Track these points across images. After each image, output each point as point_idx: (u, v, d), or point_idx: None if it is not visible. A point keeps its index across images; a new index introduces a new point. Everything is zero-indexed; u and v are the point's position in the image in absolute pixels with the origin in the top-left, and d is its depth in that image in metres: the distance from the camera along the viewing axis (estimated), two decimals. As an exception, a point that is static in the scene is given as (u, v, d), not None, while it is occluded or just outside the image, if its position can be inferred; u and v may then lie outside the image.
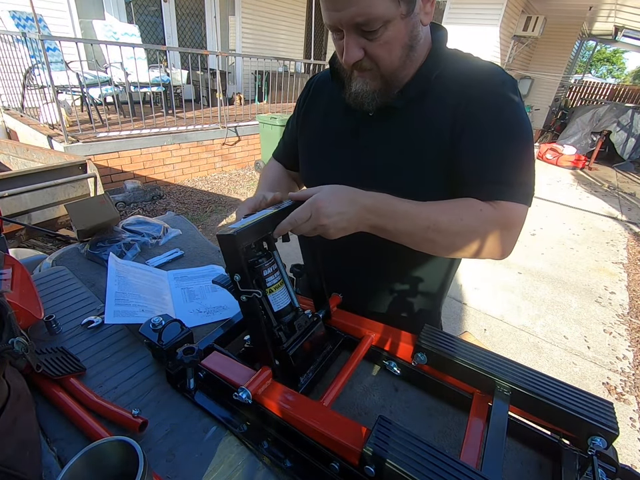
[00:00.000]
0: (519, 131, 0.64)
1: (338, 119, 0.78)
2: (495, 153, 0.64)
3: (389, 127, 0.71)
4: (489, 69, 0.67)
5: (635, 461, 1.74)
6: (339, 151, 0.78)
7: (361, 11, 0.55)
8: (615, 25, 8.50)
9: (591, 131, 7.91)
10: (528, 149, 0.65)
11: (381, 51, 0.61)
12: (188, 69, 5.22)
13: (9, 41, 4.00)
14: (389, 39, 0.59)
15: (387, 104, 0.69)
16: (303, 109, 0.86)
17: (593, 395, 0.53)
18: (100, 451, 0.44)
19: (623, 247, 4.19)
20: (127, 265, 0.93)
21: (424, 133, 0.68)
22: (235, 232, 0.52)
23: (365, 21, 0.56)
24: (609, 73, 34.42)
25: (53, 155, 3.05)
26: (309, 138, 0.84)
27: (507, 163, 0.64)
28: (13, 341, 0.45)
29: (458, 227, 0.62)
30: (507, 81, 0.65)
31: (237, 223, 0.56)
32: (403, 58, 0.63)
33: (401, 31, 0.60)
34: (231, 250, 0.53)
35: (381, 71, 0.64)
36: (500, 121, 0.64)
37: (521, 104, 0.65)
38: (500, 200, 0.63)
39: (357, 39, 0.60)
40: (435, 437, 0.60)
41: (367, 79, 0.66)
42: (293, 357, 0.61)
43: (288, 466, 0.54)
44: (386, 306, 0.88)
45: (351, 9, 0.56)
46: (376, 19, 0.56)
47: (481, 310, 2.80)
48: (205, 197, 4.31)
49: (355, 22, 0.57)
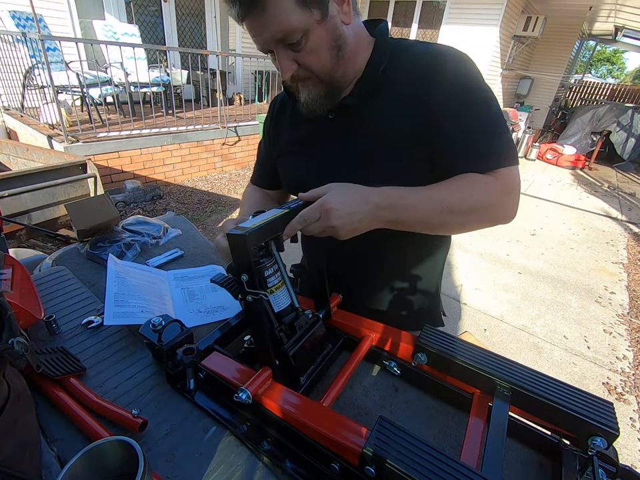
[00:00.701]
0: (488, 99, 0.66)
1: (303, 128, 0.81)
2: (477, 128, 0.65)
3: (350, 124, 0.73)
4: (438, 50, 0.68)
5: (635, 461, 1.74)
6: (312, 157, 0.80)
7: (277, 29, 0.59)
8: (614, 25, 8.50)
9: (591, 131, 7.92)
10: (500, 113, 0.67)
11: (310, 58, 0.63)
12: (188, 68, 5.22)
13: (9, 41, 4.00)
14: (313, 46, 0.62)
15: (342, 104, 0.71)
16: (272, 129, 0.89)
17: (593, 395, 0.53)
18: (100, 450, 0.44)
19: (623, 246, 4.19)
20: (126, 265, 0.93)
21: (389, 124, 0.69)
22: (247, 232, 0.51)
23: (284, 36, 0.59)
24: (609, 73, 34.42)
25: (53, 155, 3.05)
26: (283, 152, 0.87)
27: (491, 132, 0.66)
28: (12, 341, 0.45)
29: (470, 203, 0.63)
30: (459, 56, 0.67)
31: (247, 222, 0.55)
32: (333, 59, 0.65)
33: (323, 36, 0.62)
34: (241, 250, 0.53)
35: (318, 76, 0.66)
36: (469, 96, 0.65)
37: (479, 73, 0.67)
38: (497, 169, 0.65)
39: (286, 54, 0.63)
40: (435, 437, 0.60)
41: (310, 87, 0.69)
42: (293, 357, 0.61)
43: (288, 466, 0.54)
44: (386, 304, 0.88)
45: (269, 30, 0.59)
46: (293, 32, 0.59)
47: (480, 310, 2.80)
48: (205, 197, 4.31)
49: (277, 39, 0.60)
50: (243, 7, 0.58)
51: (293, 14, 0.58)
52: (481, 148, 0.65)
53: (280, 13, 0.57)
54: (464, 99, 0.65)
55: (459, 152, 0.66)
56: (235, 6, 0.59)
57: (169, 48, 5.48)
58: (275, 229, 0.58)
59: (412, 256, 0.84)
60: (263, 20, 0.58)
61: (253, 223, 0.54)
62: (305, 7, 0.58)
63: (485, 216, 0.66)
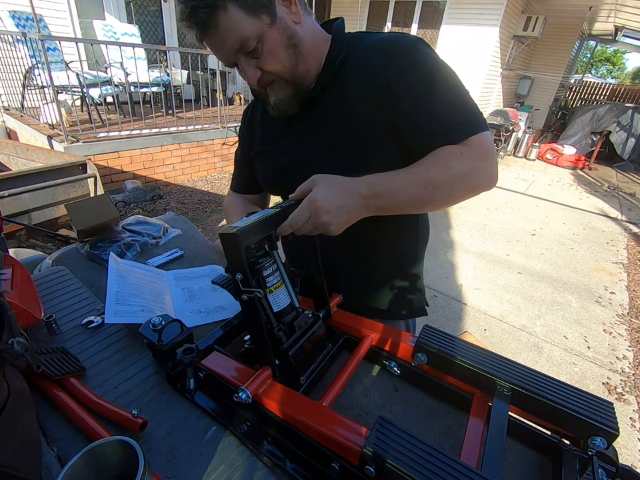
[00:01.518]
0: (445, 75, 0.68)
1: (273, 126, 0.83)
2: (440, 104, 0.67)
3: (315, 116, 0.76)
4: (392, 37, 0.70)
5: (635, 461, 1.74)
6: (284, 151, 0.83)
7: (233, 40, 0.62)
8: (614, 25, 8.50)
9: (590, 131, 7.92)
10: (460, 84, 0.69)
11: (270, 61, 0.66)
12: (188, 68, 5.22)
13: (9, 41, 4.00)
14: (270, 49, 0.65)
15: (305, 97, 0.74)
16: (246, 133, 0.92)
17: (593, 394, 0.53)
18: (100, 450, 0.44)
19: (623, 246, 4.20)
20: (127, 264, 0.93)
21: (353, 111, 0.71)
22: (238, 230, 0.52)
23: (241, 45, 0.63)
24: (609, 73, 34.43)
25: (53, 155, 3.05)
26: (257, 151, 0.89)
27: (454, 105, 0.67)
28: (13, 341, 0.45)
29: (450, 176, 0.65)
30: (413, 40, 0.69)
31: (239, 221, 0.56)
32: (292, 57, 0.68)
33: (276, 37, 0.65)
34: (233, 249, 0.53)
35: (281, 76, 0.69)
36: (427, 76, 0.67)
37: (434, 53, 0.69)
38: (467, 137, 0.66)
39: (248, 62, 0.66)
40: (435, 437, 0.60)
41: (277, 89, 0.72)
42: (293, 357, 0.61)
43: (288, 466, 0.54)
44: (385, 304, 0.89)
45: (226, 43, 0.63)
46: (248, 40, 0.62)
47: (480, 310, 2.80)
48: (205, 197, 4.31)
49: (235, 50, 0.64)
50: (199, 28, 0.62)
51: (244, 23, 0.61)
52: (447, 123, 0.67)
53: (232, 26, 0.61)
54: (422, 79, 0.67)
55: (427, 132, 0.68)
56: (192, 29, 0.63)
57: (169, 48, 5.48)
58: (268, 228, 0.59)
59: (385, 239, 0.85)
60: (219, 36, 0.62)
61: (245, 222, 0.55)
62: (253, 14, 0.61)
63: (468, 184, 0.67)
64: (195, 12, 0.60)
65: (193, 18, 0.61)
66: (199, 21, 0.61)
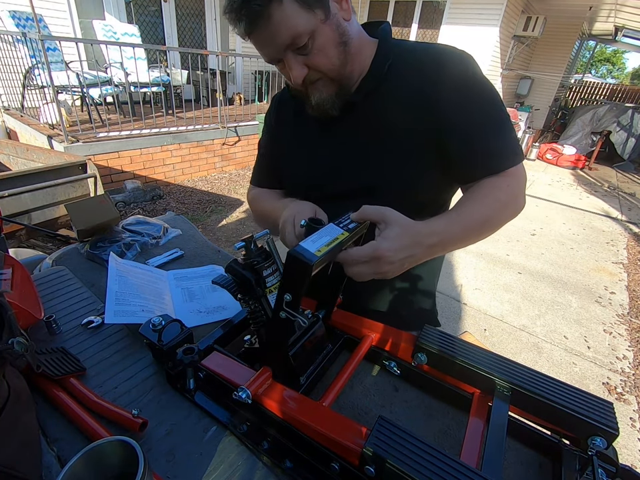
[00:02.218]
0: (495, 100, 0.68)
1: (307, 127, 0.81)
2: (489, 127, 0.68)
3: (354, 121, 0.74)
4: (441, 50, 0.69)
5: (635, 461, 1.74)
6: (317, 155, 0.81)
7: (285, 36, 0.60)
8: (615, 25, 8.50)
9: (591, 131, 7.92)
10: (505, 110, 0.69)
11: (319, 58, 0.64)
12: (188, 68, 5.22)
13: (9, 41, 4.00)
14: (320, 46, 0.63)
15: (346, 101, 0.72)
16: (274, 125, 0.89)
17: (593, 394, 0.53)
18: (100, 450, 0.44)
19: (623, 246, 4.19)
20: (127, 264, 0.93)
21: (393, 120, 0.71)
22: (313, 262, 0.46)
23: (293, 41, 0.60)
24: (609, 73, 34.42)
25: (53, 155, 3.05)
26: (287, 151, 0.87)
27: (501, 131, 0.68)
28: (13, 341, 0.45)
29: (501, 212, 0.67)
30: (463, 56, 0.68)
31: (307, 240, 0.50)
32: (341, 55, 0.66)
33: (329, 34, 0.63)
34: (298, 275, 0.48)
35: (328, 75, 0.67)
36: (478, 96, 0.67)
37: (482, 74, 0.69)
38: (511, 167, 0.68)
39: (295, 59, 0.64)
40: (435, 437, 0.60)
41: (321, 88, 0.69)
42: (293, 357, 0.61)
43: (288, 466, 0.54)
44: (386, 304, 0.88)
45: (276, 39, 0.60)
46: (301, 36, 0.60)
47: (480, 310, 2.80)
48: (205, 197, 4.31)
49: (286, 46, 0.61)
50: (249, 21, 0.59)
51: (298, 18, 0.58)
52: (495, 149, 0.68)
53: (285, 20, 0.58)
54: (474, 98, 0.67)
55: (476, 152, 0.68)
56: (240, 23, 0.59)
57: (169, 48, 5.48)
58: (334, 255, 0.55)
59: None
60: (270, 30, 0.59)
61: (317, 247, 0.49)
62: (308, 8, 0.59)
63: (511, 214, 0.70)
64: (247, 3, 0.57)
65: (244, 9, 0.57)
66: (251, 12, 0.57)
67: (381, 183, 0.74)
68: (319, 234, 0.53)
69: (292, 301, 0.50)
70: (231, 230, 3.63)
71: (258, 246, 0.63)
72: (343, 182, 0.78)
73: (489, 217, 0.66)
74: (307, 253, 0.47)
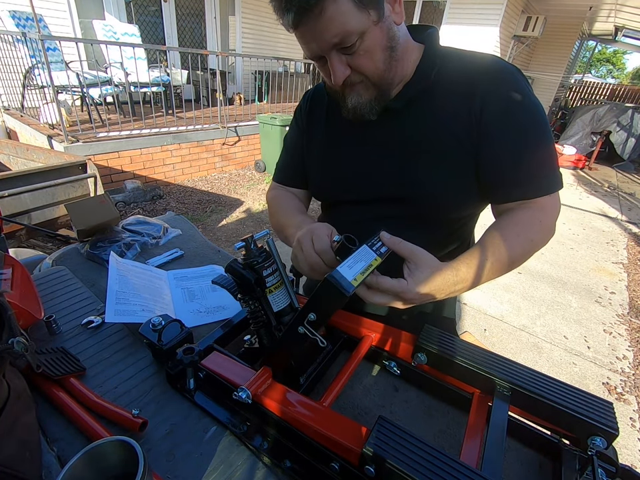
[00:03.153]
0: (541, 121, 0.65)
1: (340, 128, 0.78)
2: (531, 151, 0.65)
3: (391, 128, 0.72)
4: (491, 62, 0.66)
5: (635, 461, 1.74)
6: (348, 159, 0.78)
7: (334, 33, 0.57)
8: (615, 25, 8.50)
9: (591, 131, 7.91)
10: (550, 138, 0.66)
11: (364, 61, 0.61)
12: (188, 68, 5.22)
13: (9, 41, 4.00)
14: (368, 48, 0.60)
15: (385, 107, 0.69)
16: (305, 120, 0.85)
17: (593, 394, 0.53)
18: (100, 450, 0.44)
19: (623, 246, 4.19)
20: (128, 264, 0.93)
21: (433, 131, 0.68)
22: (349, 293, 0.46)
23: (342, 39, 0.58)
24: (609, 73, 34.43)
25: (52, 155, 3.05)
26: (317, 152, 0.83)
27: (543, 157, 0.65)
28: (13, 341, 0.45)
29: (531, 248, 0.65)
30: (513, 71, 0.66)
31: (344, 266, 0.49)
32: (387, 60, 0.63)
33: (378, 37, 0.60)
34: (334, 302, 0.48)
35: (370, 79, 0.64)
36: (523, 116, 0.64)
37: (531, 90, 0.66)
38: (546, 194, 0.66)
39: (339, 58, 0.61)
40: (435, 437, 0.60)
41: (360, 91, 0.66)
42: (293, 357, 0.61)
43: (288, 466, 0.54)
44: (385, 308, 0.87)
45: (325, 35, 0.57)
46: (351, 35, 0.57)
47: (480, 310, 2.80)
48: (205, 197, 4.31)
49: (333, 44, 0.58)
50: (299, 12, 0.56)
51: (351, 17, 0.56)
52: (530, 175, 0.65)
53: (338, 16, 0.55)
54: (519, 119, 0.64)
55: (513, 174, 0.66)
56: (289, 13, 0.56)
57: (169, 48, 5.48)
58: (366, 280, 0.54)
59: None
60: (320, 25, 0.56)
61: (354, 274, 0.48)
62: (362, 8, 0.56)
63: (542, 247, 0.68)
64: None
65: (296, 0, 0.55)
66: (303, 4, 0.54)
67: (409, 194, 0.72)
68: (354, 258, 0.52)
69: (316, 321, 0.50)
70: (231, 230, 3.63)
71: (258, 246, 0.63)
72: (371, 188, 0.75)
73: (518, 259, 0.64)
74: (344, 281, 0.47)
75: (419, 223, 0.75)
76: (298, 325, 0.52)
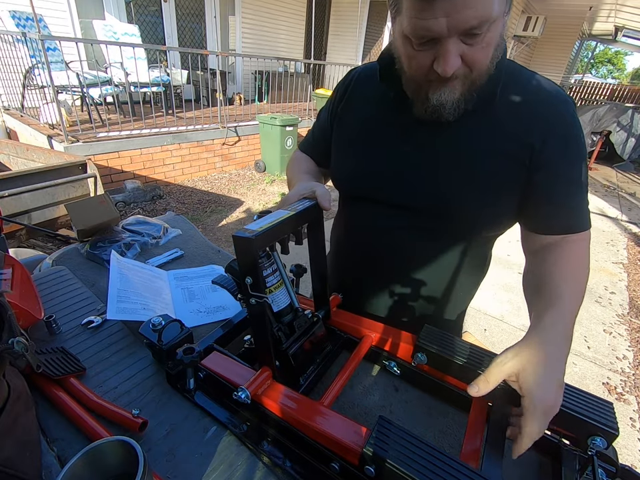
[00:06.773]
0: (585, 159, 0.67)
1: (381, 119, 0.73)
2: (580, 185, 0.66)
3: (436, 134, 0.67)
4: (556, 93, 0.65)
5: (634, 461, 1.74)
6: (379, 155, 0.73)
7: (476, 14, 0.49)
8: (615, 25, 8.51)
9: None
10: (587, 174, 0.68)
11: (480, 55, 0.55)
12: (188, 69, 5.22)
13: (9, 41, 4.00)
14: (489, 41, 0.53)
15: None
16: (343, 102, 0.79)
17: (593, 394, 0.53)
18: (100, 450, 0.44)
19: (623, 247, 4.19)
20: (129, 262, 0.93)
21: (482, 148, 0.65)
22: (253, 235, 0.50)
23: (479, 23, 0.50)
24: (610, 74, 34.44)
25: (53, 155, 3.05)
26: (349, 133, 0.78)
27: (584, 194, 0.66)
28: (12, 341, 0.45)
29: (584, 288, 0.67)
30: (572, 103, 0.65)
31: (253, 224, 0.54)
32: (493, 59, 0.58)
33: (498, 31, 0.54)
34: (246, 253, 0.52)
35: (473, 75, 0.57)
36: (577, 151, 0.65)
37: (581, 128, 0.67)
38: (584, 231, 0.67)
39: (457, 47, 0.53)
40: (435, 437, 0.60)
41: (456, 87, 0.59)
42: (292, 357, 0.61)
43: (288, 466, 0.54)
44: (386, 309, 0.87)
45: (466, 12, 0.48)
46: (488, 21, 0.50)
47: (480, 310, 2.80)
48: (205, 197, 4.31)
49: (468, 26, 0.50)
50: None
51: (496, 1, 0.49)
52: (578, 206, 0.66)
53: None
54: (573, 153, 0.64)
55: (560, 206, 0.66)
56: None
57: (169, 48, 5.47)
58: (282, 232, 0.57)
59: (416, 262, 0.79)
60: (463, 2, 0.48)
61: (260, 225, 0.53)
62: None
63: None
64: None
65: None
66: None
67: (442, 206, 0.68)
68: (265, 219, 0.56)
69: (254, 283, 0.53)
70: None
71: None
72: (400, 191, 0.71)
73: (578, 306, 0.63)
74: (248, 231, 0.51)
75: (445, 237, 0.73)
76: (249, 299, 0.54)
